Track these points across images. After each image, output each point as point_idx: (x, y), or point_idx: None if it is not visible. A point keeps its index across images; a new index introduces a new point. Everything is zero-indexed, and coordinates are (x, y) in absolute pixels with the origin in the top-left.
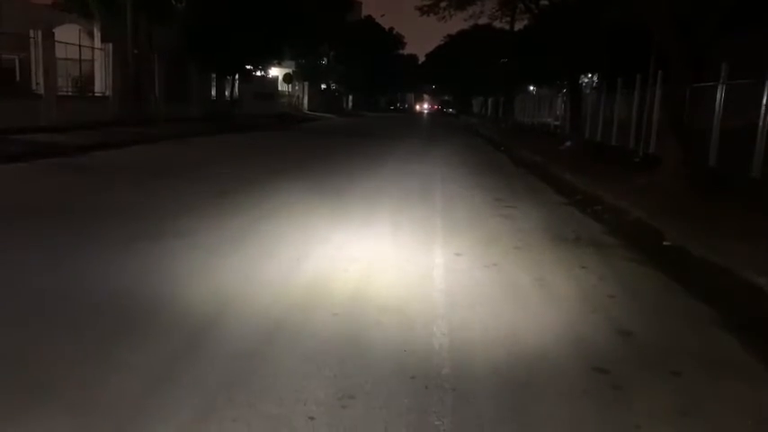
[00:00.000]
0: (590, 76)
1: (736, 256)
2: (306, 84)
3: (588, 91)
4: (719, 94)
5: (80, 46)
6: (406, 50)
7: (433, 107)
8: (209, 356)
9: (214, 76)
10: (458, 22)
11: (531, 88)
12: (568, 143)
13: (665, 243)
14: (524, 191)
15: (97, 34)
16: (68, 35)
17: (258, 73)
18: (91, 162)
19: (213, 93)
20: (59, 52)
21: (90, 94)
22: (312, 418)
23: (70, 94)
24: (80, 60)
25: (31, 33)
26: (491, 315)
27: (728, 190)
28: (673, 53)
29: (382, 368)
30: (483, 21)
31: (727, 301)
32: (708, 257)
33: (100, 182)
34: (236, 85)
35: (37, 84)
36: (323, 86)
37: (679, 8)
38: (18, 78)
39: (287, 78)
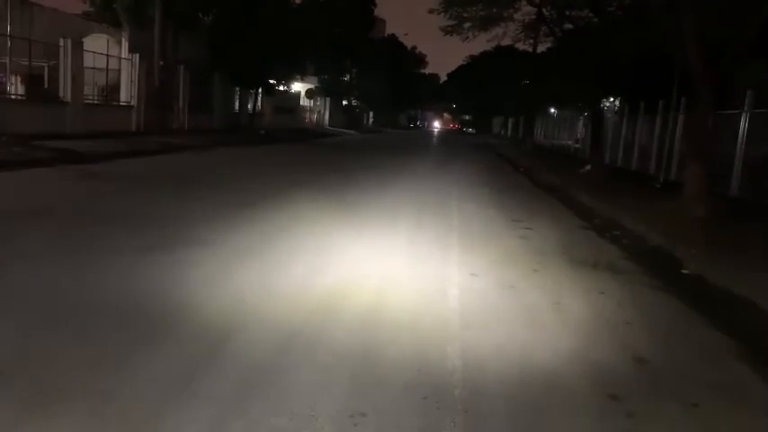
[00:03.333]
0: (612, 99)
1: (755, 285)
2: (327, 99)
3: (610, 115)
4: (743, 122)
5: (107, 55)
6: (428, 70)
7: (452, 126)
8: (223, 367)
9: (237, 88)
10: (481, 43)
11: (552, 110)
12: (588, 166)
13: (683, 271)
14: (542, 212)
15: (125, 44)
16: (96, 44)
17: (281, 87)
18: (114, 169)
19: (236, 105)
20: (87, 61)
21: (115, 103)
22: None
23: (96, 102)
24: (107, 69)
25: (61, 42)
26: (506, 337)
27: (750, 218)
28: (697, 80)
29: (395, 387)
30: (506, 42)
31: (745, 332)
32: (727, 287)
33: (122, 189)
34: (259, 98)
35: (64, 91)
36: (344, 102)
37: (705, 36)
38: (47, 85)
39: (309, 93)
